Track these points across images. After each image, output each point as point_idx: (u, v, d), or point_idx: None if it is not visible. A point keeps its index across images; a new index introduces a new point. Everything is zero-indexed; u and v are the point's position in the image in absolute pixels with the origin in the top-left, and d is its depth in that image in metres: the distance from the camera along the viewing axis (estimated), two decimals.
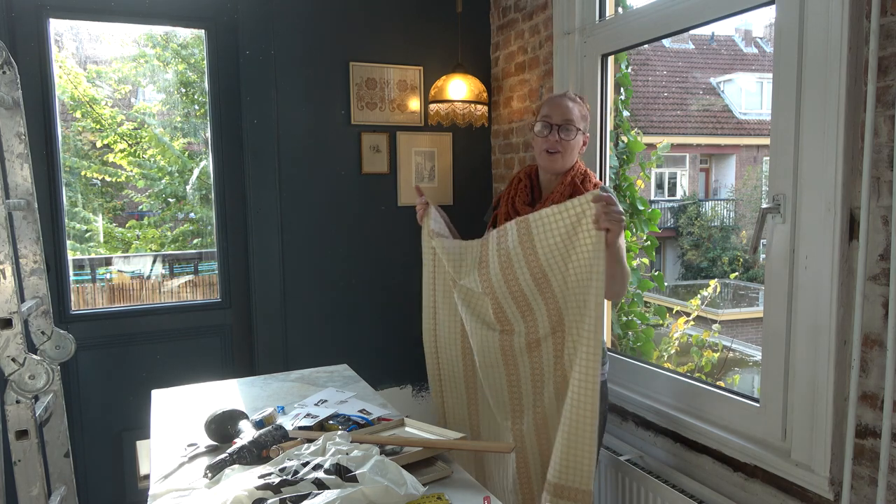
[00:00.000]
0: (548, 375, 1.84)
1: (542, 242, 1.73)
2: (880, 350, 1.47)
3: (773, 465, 1.73)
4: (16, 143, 1.99)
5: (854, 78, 1.49)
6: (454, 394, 2.05)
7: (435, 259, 2.00)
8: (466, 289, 1.91)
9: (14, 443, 1.73)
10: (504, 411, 1.93)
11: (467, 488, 1.31)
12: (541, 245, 1.73)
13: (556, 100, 1.93)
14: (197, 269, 3.45)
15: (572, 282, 1.72)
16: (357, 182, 3.05)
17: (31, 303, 2.01)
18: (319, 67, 2.95)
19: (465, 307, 1.93)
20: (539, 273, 1.76)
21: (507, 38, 3.06)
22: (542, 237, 1.73)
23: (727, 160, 13.36)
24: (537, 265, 1.75)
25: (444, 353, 2.05)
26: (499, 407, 1.94)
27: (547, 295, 1.78)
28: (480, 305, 1.89)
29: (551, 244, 1.72)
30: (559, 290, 1.76)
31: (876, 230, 1.47)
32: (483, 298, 1.87)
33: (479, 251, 1.88)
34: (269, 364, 2.87)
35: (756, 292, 8.95)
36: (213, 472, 1.28)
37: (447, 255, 1.93)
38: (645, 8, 2.24)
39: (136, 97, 3.45)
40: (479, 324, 1.90)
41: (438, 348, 2.06)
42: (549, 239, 1.72)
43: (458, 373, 2.03)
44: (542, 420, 1.87)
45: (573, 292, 1.73)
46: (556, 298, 1.77)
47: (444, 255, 1.93)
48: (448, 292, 2.00)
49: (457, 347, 2.02)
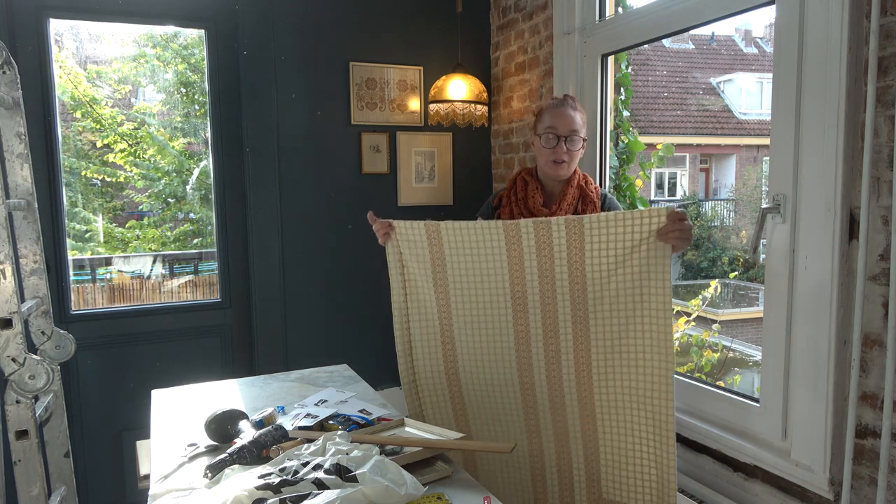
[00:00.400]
0: (569, 397, 1.77)
1: (594, 244, 1.65)
2: (880, 350, 1.47)
3: (773, 465, 1.73)
4: (16, 143, 1.99)
5: (854, 78, 1.49)
6: (433, 397, 1.93)
7: (406, 286, 1.88)
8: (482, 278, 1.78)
9: (14, 443, 1.72)
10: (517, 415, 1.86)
11: (467, 488, 1.30)
12: (590, 247, 1.65)
13: (559, 110, 1.98)
14: (197, 269, 3.45)
15: (620, 293, 1.66)
16: (357, 182, 3.05)
17: (31, 303, 2.00)
18: (319, 67, 2.95)
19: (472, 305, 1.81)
20: (577, 278, 1.68)
21: (507, 38, 3.06)
22: (596, 238, 1.64)
23: (727, 160, 13.35)
24: (579, 270, 1.67)
25: (419, 355, 1.92)
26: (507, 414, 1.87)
27: (577, 304, 1.70)
28: (495, 298, 1.78)
29: (603, 248, 1.63)
30: (592, 302, 1.69)
31: (876, 230, 1.47)
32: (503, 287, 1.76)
33: (500, 236, 1.73)
34: (269, 364, 2.87)
35: (756, 292, 8.93)
36: (213, 472, 1.28)
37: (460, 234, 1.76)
38: (645, 8, 2.24)
39: (136, 97, 3.45)
40: (491, 327, 1.81)
41: (413, 350, 1.92)
42: (602, 244, 1.63)
43: (439, 375, 1.91)
44: (565, 448, 1.83)
45: (615, 306, 1.67)
46: (587, 311, 1.70)
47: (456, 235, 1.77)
48: (420, 295, 1.87)
49: (437, 348, 1.89)
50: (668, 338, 1.64)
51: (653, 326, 1.64)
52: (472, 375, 1.86)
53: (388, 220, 1.85)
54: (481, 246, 1.76)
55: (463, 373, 1.87)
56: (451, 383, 1.90)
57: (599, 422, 1.76)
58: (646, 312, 1.64)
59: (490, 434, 1.90)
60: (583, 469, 1.81)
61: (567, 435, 1.81)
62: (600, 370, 1.73)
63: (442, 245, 1.80)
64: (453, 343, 1.87)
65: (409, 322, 1.90)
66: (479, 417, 1.90)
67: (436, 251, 1.81)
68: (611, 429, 1.75)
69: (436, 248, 1.81)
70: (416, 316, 1.89)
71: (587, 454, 1.80)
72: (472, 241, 1.76)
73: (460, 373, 1.88)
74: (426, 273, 1.83)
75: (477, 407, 1.89)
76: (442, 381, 1.91)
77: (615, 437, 1.75)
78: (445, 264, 1.81)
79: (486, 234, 1.74)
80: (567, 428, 1.80)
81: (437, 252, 1.81)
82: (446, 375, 1.90)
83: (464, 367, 1.86)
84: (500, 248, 1.74)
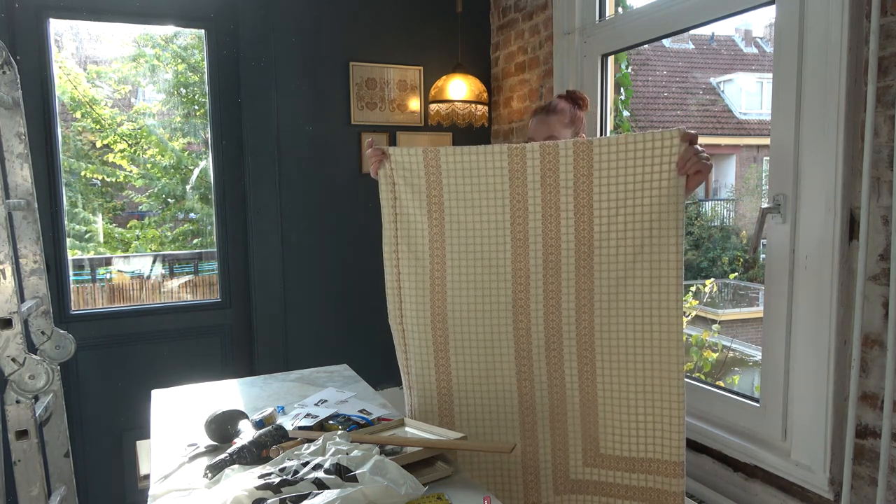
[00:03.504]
0: (567, 342, 1.66)
1: (603, 172, 1.53)
2: (880, 350, 1.47)
3: (773, 465, 1.73)
4: (16, 143, 1.99)
5: (854, 78, 1.49)
6: (418, 342, 1.78)
7: (397, 220, 1.75)
8: (481, 214, 1.67)
9: (14, 443, 1.72)
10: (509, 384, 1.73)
11: (467, 488, 1.30)
12: (598, 175, 1.54)
13: (538, 117, 1.96)
14: (197, 269, 3.45)
15: (628, 229, 1.55)
16: (357, 182, 3.04)
17: (31, 303, 2.00)
18: (319, 67, 2.95)
19: (469, 244, 1.70)
20: (583, 211, 1.58)
21: (507, 38, 3.06)
22: (605, 165, 1.53)
23: (727, 160, 13.34)
24: (586, 200, 1.56)
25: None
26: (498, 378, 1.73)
27: (581, 241, 1.59)
28: (494, 237, 1.67)
29: (612, 176, 1.52)
30: (598, 238, 1.58)
31: (876, 230, 1.47)
32: (503, 226, 1.66)
33: (503, 163, 1.62)
34: (269, 364, 2.87)
35: (756, 292, 8.92)
36: (213, 472, 1.28)
37: (461, 162, 1.66)
38: (645, 8, 2.24)
39: (135, 97, 3.45)
40: (487, 270, 1.68)
41: (402, 291, 1.79)
42: (611, 173, 1.52)
43: (424, 319, 1.76)
44: (560, 395, 1.70)
45: (623, 242, 1.57)
46: (592, 247, 1.59)
47: (458, 163, 1.66)
48: (412, 231, 1.74)
49: (425, 290, 1.75)
50: (678, 281, 1.54)
51: (661, 265, 1.54)
52: (460, 320, 1.73)
53: (381, 146, 1.71)
54: (482, 174, 1.65)
55: (451, 318, 1.73)
56: (437, 329, 1.75)
57: (599, 369, 1.65)
58: (654, 250, 1.55)
59: (472, 384, 1.75)
60: (578, 421, 1.69)
61: (563, 385, 1.69)
62: (602, 313, 1.62)
63: (440, 174, 1.67)
64: (444, 285, 1.73)
65: (398, 259, 1.77)
66: (463, 367, 1.75)
67: (433, 181, 1.68)
68: (611, 376, 1.64)
69: (433, 178, 1.68)
70: (405, 253, 1.76)
71: (584, 405, 1.68)
72: (474, 168, 1.64)
73: (448, 318, 1.74)
74: (421, 205, 1.71)
75: (462, 354, 1.74)
76: (427, 325, 1.76)
77: (616, 385, 1.63)
78: (442, 196, 1.69)
79: (489, 161, 1.63)
80: (563, 376, 1.69)
81: (434, 182, 1.69)
82: (432, 320, 1.75)
83: (453, 310, 1.73)
84: (504, 177, 1.63)
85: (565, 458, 1.72)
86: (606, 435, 1.66)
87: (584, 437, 1.69)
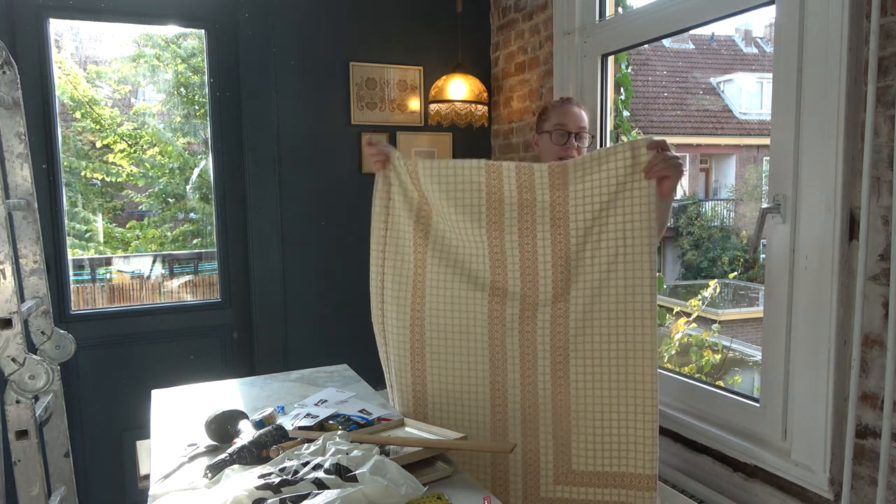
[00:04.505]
0: (542, 353, 1.68)
1: (577, 190, 1.58)
2: (880, 350, 1.47)
3: (773, 465, 1.73)
4: (16, 143, 1.99)
5: (854, 78, 1.49)
6: (397, 345, 1.80)
7: (388, 223, 1.79)
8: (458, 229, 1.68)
9: (14, 443, 1.72)
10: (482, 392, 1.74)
11: (467, 488, 1.30)
12: (574, 193, 1.58)
13: (566, 108, 1.99)
14: (197, 269, 3.46)
15: (603, 240, 1.59)
16: (357, 182, 3.04)
17: (31, 303, 2.00)
18: (319, 67, 2.95)
19: (449, 256, 1.72)
20: (559, 225, 1.61)
21: (507, 38, 3.06)
22: (580, 180, 1.57)
23: (727, 160, 13.35)
24: (562, 215, 1.60)
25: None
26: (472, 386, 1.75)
27: (558, 254, 1.63)
28: (472, 251, 1.70)
29: (587, 194, 1.56)
30: (574, 251, 1.62)
31: (876, 230, 1.47)
32: (480, 241, 1.68)
33: (483, 178, 1.65)
34: (269, 364, 2.87)
35: (756, 292, 8.92)
36: (213, 472, 1.28)
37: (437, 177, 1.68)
38: (645, 8, 2.24)
39: (135, 97, 3.45)
40: (465, 281, 1.70)
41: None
42: (586, 188, 1.56)
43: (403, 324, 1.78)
44: (532, 405, 1.70)
45: (597, 253, 1.60)
46: (569, 260, 1.62)
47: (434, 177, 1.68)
48: (400, 234, 1.78)
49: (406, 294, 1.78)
50: (651, 297, 1.56)
51: (636, 278, 1.57)
52: (436, 328, 1.75)
53: (387, 148, 1.75)
54: (459, 189, 1.67)
55: (429, 325, 1.75)
56: (415, 334, 1.77)
57: (573, 381, 1.66)
58: (629, 260, 1.58)
59: (446, 392, 1.77)
60: (550, 434, 1.69)
61: (536, 396, 1.70)
62: (577, 325, 1.65)
63: (420, 185, 1.71)
64: (423, 293, 1.75)
65: (384, 260, 1.82)
66: (438, 376, 1.76)
67: (420, 191, 1.73)
68: (584, 388, 1.65)
69: (420, 188, 1.73)
70: (392, 255, 1.80)
71: (556, 416, 1.68)
72: (451, 182, 1.67)
73: (426, 325, 1.76)
74: (409, 212, 1.75)
75: (438, 363, 1.76)
76: (406, 329, 1.78)
77: (589, 397, 1.64)
78: (430, 206, 1.73)
79: (465, 176, 1.66)
80: (536, 387, 1.69)
81: (421, 192, 1.73)
82: (411, 325, 1.78)
83: (430, 319, 1.75)
84: (480, 192, 1.66)
85: (536, 475, 1.73)
86: (579, 448, 1.67)
87: (556, 450, 1.70)
